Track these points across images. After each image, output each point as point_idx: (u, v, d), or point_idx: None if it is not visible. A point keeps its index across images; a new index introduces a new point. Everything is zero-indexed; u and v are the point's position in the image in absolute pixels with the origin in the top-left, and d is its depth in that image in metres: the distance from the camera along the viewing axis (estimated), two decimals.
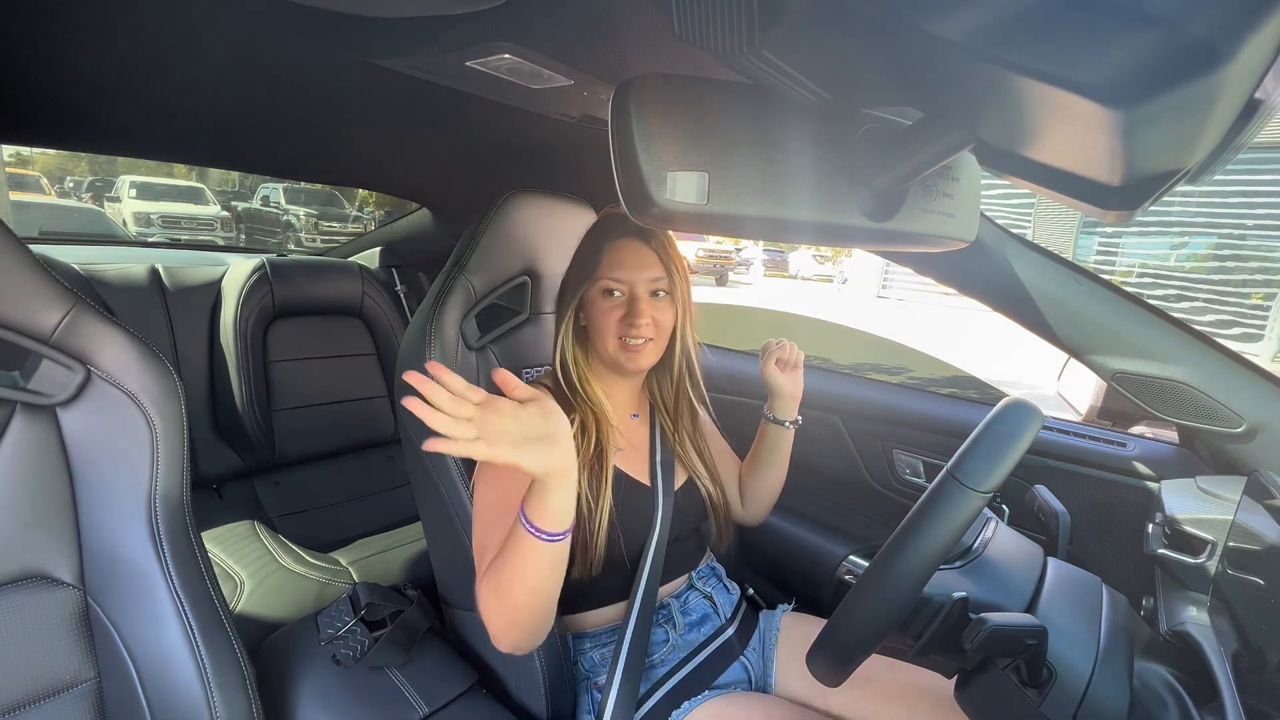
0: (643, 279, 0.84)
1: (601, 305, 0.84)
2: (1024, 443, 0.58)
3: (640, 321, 0.83)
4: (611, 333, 0.84)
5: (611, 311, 0.84)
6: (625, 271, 0.83)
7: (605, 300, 0.84)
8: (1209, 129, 0.29)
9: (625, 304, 0.84)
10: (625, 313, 0.83)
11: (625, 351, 0.84)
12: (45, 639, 0.61)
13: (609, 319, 0.84)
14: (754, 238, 0.53)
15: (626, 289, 0.84)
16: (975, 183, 0.59)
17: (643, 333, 0.84)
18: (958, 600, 0.57)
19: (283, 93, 0.94)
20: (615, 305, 0.84)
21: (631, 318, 0.83)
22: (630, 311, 0.83)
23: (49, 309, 0.60)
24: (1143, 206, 0.39)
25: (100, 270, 1.52)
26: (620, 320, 0.84)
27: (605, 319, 0.84)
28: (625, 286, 0.84)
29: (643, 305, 0.84)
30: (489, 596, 0.67)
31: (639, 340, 0.84)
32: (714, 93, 0.45)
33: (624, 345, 0.84)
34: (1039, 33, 0.26)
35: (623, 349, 0.84)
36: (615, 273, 0.83)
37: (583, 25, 0.63)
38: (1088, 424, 1.17)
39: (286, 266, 1.67)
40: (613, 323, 0.84)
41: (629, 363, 0.85)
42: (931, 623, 0.57)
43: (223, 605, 0.67)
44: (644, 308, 0.84)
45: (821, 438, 1.38)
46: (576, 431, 0.83)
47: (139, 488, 0.64)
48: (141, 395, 0.64)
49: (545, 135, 1.09)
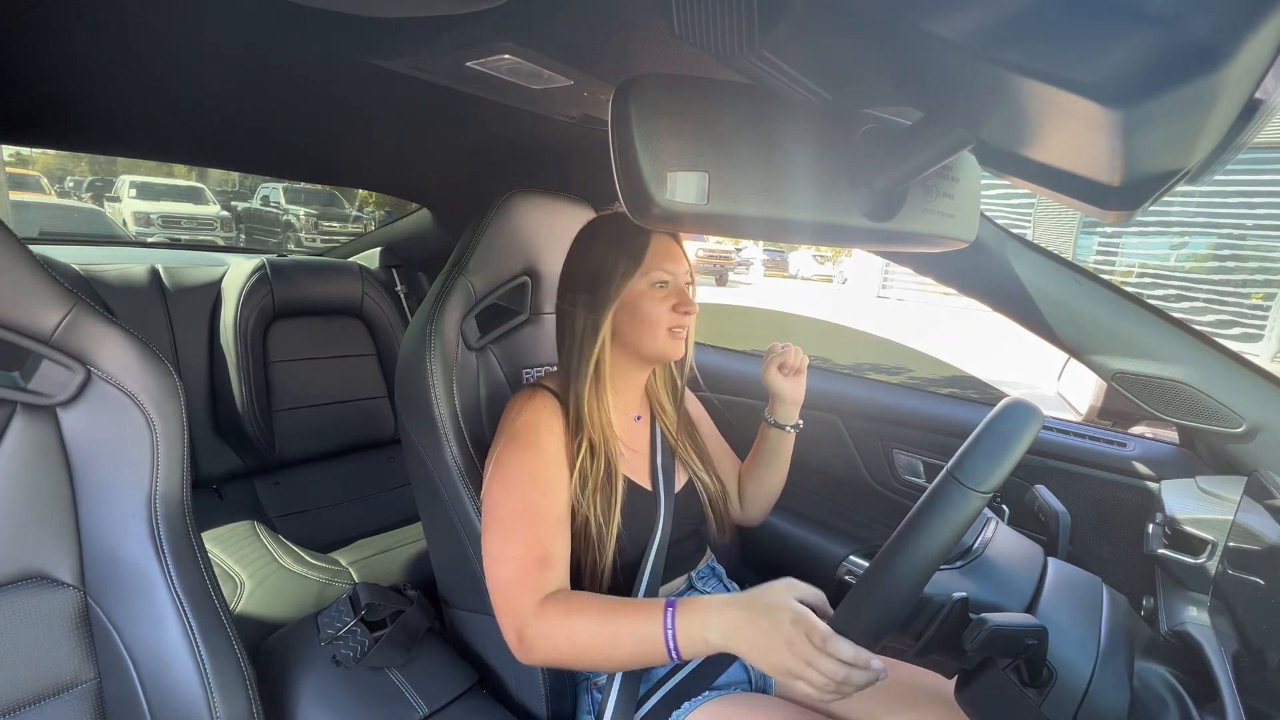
0: (684, 270, 0.87)
1: (653, 295, 0.84)
2: (1024, 443, 0.58)
3: (691, 309, 0.85)
4: (664, 323, 0.84)
5: (665, 301, 0.84)
6: (673, 263, 0.85)
7: (657, 291, 0.84)
8: (1209, 129, 0.29)
9: (675, 293, 0.85)
10: (678, 301, 0.85)
11: (674, 341, 0.85)
12: (45, 639, 0.61)
13: (662, 309, 0.84)
14: (754, 238, 0.53)
15: (676, 281, 0.86)
16: (975, 183, 0.59)
17: (688, 322, 0.86)
18: (958, 600, 0.57)
19: (283, 93, 0.94)
20: (668, 295, 0.85)
21: (685, 305, 0.85)
22: (683, 300, 0.85)
23: (49, 309, 0.60)
24: (1143, 207, 0.39)
25: (100, 271, 1.52)
26: (673, 309, 0.84)
27: (658, 309, 0.84)
28: (675, 278, 0.85)
29: (688, 293, 0.86)
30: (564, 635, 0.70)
31: (683, 330, 0.86)
32: (714, 93, 0.45)
33: (673, 335, 0.85)
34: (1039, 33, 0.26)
35: (672, 339, 0.85)
36: (667, 264, 0.84)
37: (583, 26, 0.63)
38: (1088, 424, 1.17)
39: (286, 267, 1.67)
40: (665, 312, 0.84)
41: (675, 352, 0.86)
42: (932, 623, 0.57)
43: (223, 605, 0.67)
44: (689, 295, 0.86)
45: (821, 438, 1.38)
46: (585, 454, 0.82)
47: (139, 488, 0.64)
48: (142, 395, 0.64)
49: (546, 135, 1.09)
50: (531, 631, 0.71)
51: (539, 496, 0.77)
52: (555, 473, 0.80)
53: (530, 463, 0.79)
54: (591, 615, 0.70)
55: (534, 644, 0.71)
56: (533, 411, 0.82)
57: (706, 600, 0.67)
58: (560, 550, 0.77)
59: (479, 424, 0.93)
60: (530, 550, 0.75)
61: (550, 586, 0.74)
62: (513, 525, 0.76)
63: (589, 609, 0.71)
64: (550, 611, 0.71)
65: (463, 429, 0.88)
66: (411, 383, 0.89)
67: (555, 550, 0.76)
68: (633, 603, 0.71)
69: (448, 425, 0.87)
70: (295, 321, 1.72)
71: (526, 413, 0.82)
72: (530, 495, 0.77)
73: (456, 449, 0.86)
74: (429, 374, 0.87)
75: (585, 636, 0.70)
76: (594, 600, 0.73)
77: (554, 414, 0.83)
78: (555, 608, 0.72)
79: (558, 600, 0.72)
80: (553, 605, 0.72)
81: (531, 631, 0.71)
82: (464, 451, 0.87)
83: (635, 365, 0.91)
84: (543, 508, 0.77)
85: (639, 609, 0.69)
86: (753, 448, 1.04)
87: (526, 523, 0.76)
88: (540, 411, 0.82)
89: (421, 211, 1.85)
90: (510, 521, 0.76)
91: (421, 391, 0.87)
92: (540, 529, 0.76)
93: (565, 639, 0.70)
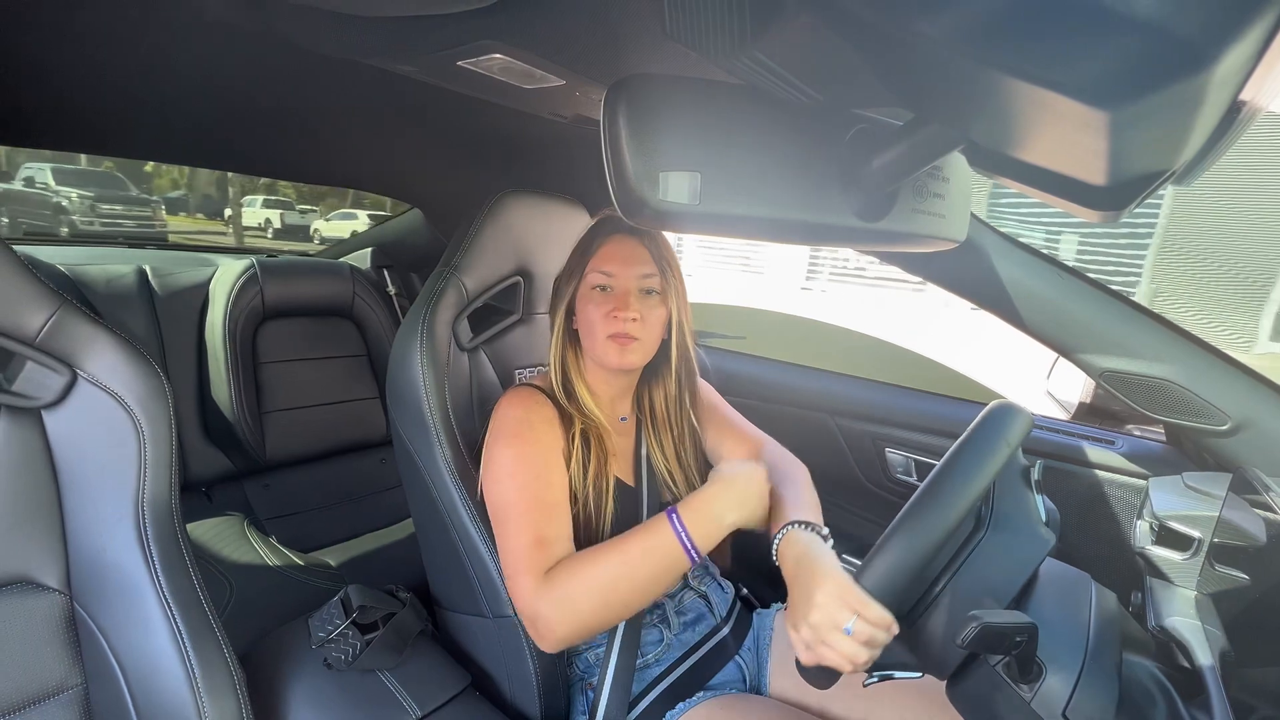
0: (633, 274, 0.82)
1: (592, 299, 0.82)
2: (1012, 445, 0.59)
3: (627, 314, 0.80)
4: (600, 328, 0.81)
5: (601, 305, 0.81)
6: (615, 265, 0.82)
7: (596, 295, 0.82)
8: (1195, 130, 0.29)
9: (614, 299, 0.82)
10: (613, 305, 0.81)
11: (614, 343, 0.81)
12: (31, 645, 0.60)
13: (598, 313, 0.81)
14: (745, 237, 0.53)
15: (618, 284, 0.82)
16: (965, 183, 0.59)
17: (628, 329, 0.80)
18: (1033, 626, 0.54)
19: (272, 92, 0.93)
20: (605, 299, 0.82)
21: (619, 310, 0.80)
22: (619, 305, 0.81)
23: (33, 311, 0.59)
24: (1130, 207, 0.39)
25: (86, 271, 1.50)
26: (607, 314, 0.81)
27: (595, 313, 0.82)
28: (616, 281, 0.82)
29: (631, 299, 0.81)
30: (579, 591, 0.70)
31: (625, 335, 0.80)
32: (706, 93, 0.45)
33: (613, 340, 0.81)
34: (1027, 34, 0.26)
35: (612, 342, 0.81)
36: (606, 266, 0.82)
37: (574, 26, 0.63)
38: (1076, 422, 1.18)
39: (276, 267, 1.66)
40: (600, 316, 0.81)
41: (616, 358, 0.81)
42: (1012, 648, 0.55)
43: (212, 609, 0.67)
44: (632, 301, 0.81)
45: (813, 436, 1.39)
46: (579, 443, 0.82)
47: (126, 491, 0.63)
48: (128, 397, 0.63)
49: (537, 135, 1.09)
50: (545, 606, 0.70)
51: (532, 482, 0.77)
52: (550, 459, 0.79)
53: (524, 453, 0.78)
54: (598, 559, 0.71)
55: (553, 616, 0.70)
56: (521, 406, 0.82)
57: (702, 492, 0.75)
58: (558, 529, 0.76)
59: (471, 424, 0.93)
60: (525, 536, 0.74)
61: (549, 563, 0.73)
62: (509, 516, 0.76)
63: (594, 556, 0.72)
64: (557, 578, 0.71)
65: (454, 429, 0.88)
66: (403, 383, 0.89)
67: (551, 530, 0.75)
68: (633, 532, 0.73)
69: (439, 426, 0.86)
70: (285, 322, 1.70)
71: (515, 408, 0.82)
72: (525, 484, 0.77)
73: (448, 450, 0.86)
74: (420, 375, 0.87)
75: (601, 580, 0.70)
76: (594, 549, 0.73)
77: (545, 406, 0.83)
78: (560, 572, 0.71)
79: (560, 567, 0.72)
80: (558, 571, 0.72)
81: (545, 606, 0.70)
82: (456, 452, 0.87)
83: (603, 369, 0.87)
84: (538, 493, 0.77)
85: (642, 531, 0.73)
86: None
87: (521, 513, 0.76)
88: (530, 405, 0.82)
89: (413, 211, 1.84)
90: (507, 513, 0.77)
91: (413, 392, 0.87)
92: (536, 514, 0.75)
93: (582, 594, 0.69)
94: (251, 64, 0.80)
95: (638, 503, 0.89)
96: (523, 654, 0.83)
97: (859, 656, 0.59)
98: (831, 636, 0.59)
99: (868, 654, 0.59)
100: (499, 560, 0.83)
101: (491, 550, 0.84)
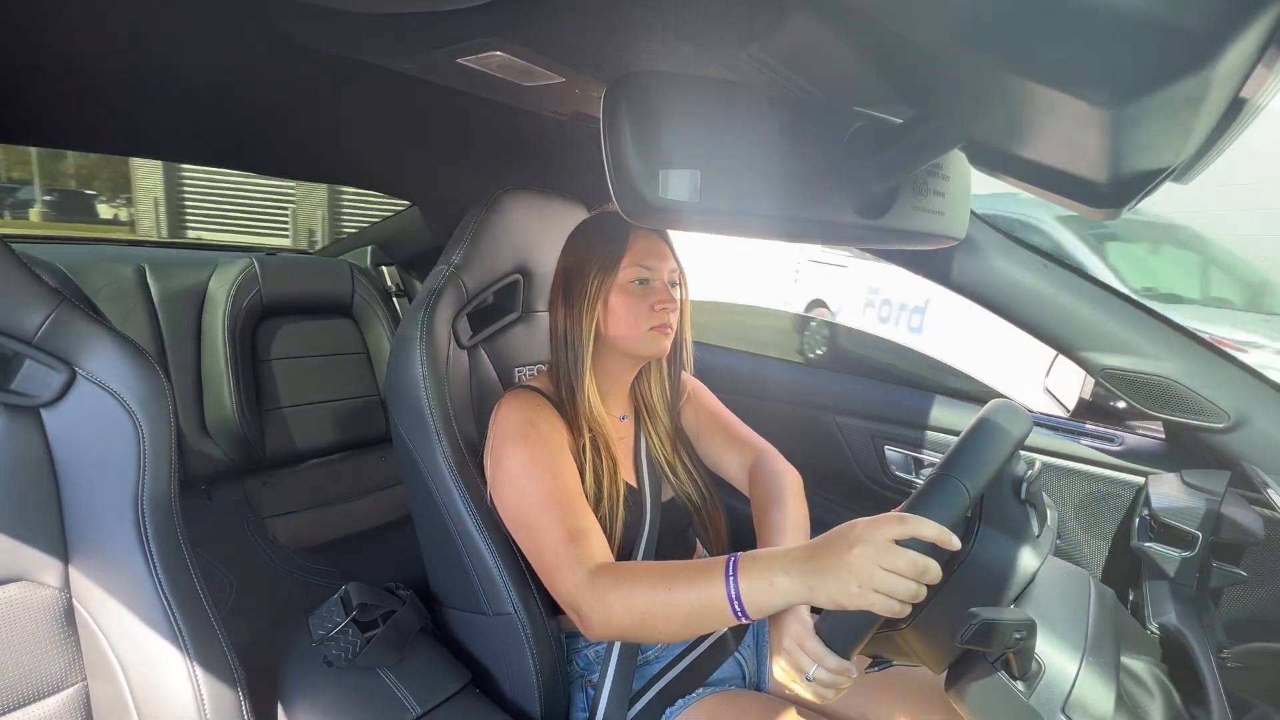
0: (666, 268, 0.86)
1: (632, 293, 0.84)
2: (1012, 444, 0.59)
3: (672, 306, 0.85)
4: (645, 320, 0.84)
5: (645, 298, 0.84)
6: (654, 260, 0.84)
7: (636, 288, 0.84)
8: (1195, 128, 0.29)
9: (656, 291, 0.85)
10: (659, 299, 0.84)
11: (657, 334, 0.85)
12: (31, 643, 0.60)
13: (642, 305, 0.84)
14: (745, 235, 0.53)
15: (656, 277, 0.85)
16: (965, 181, 0.59)
17: (670, 319, 0.85)
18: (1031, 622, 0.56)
19: (272, 90, 0.93)
20: (647, 292, 0.85)
21: (664, 302, 0.84)
22: (663, 297, 0.84)
23: (32, 309, 0.59)
24: (1130, 204, 0.39)
25: (85, 269, 1.50)
26: (651, 307, 0.84)
27: (638, 305, 0.84)
28: (655, 275, 0.85)
29: (668, 291, 0.86)
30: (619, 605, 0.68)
31: (666, 325, 0.85)
32: (706, 90, 0.45)
33: (655, 330, 0.84)
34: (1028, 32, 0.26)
35: (655, 333, 0.84)
36: (647, 260, 0.84)
37: (574, 23, 0.63)
38: (1075, 419, 1.19)
39: (275, 265, 1.66)
40: (644, 310, 0.84)
41: (657, 348, 0.86)
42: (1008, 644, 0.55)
43: (212, 607, 0.67)
44: (670, 293, 0.86)
45: (812, 434, 1.39)
46: (590, 454, 0.82)
47: (125, 489, 0.63)
48: (127, 395, 0.63)
49: (537, 132, 1.09)
50: (586, 606, 0.70)
51: (551, 481, 0.77)
52: (560, 458, 0.79)
53: (536, 453, 0.78)
54: (645, 583, 0.67)
55: (592, 617, 0.69)
56: (525, 409, 0.82)
57: (768, 554, 0.64)
58: (588, 522, 0.76)
59: (470, 422, 0.93)
60: (557, 532, 0.74)
61: (594, 556, 0.72)
62: (536, 516, 0.76)
63: (642, 576, 0.68)
64: (601, 582, 0.69)
65: (454, 427, 0.88)
66: (402, 381, 0.89)
67: (584, 522, 0.75)
68: (689, 565, 0.67)
69: (439, 424, 0.86)
70: (284, 320, 1.70)
71: (519, 410, 0.82)
72: (544, 483, 0.77)
73: (448, 447, 0.86)
74: (420, 372, 0.87)
75: (642, 605, 0.66)
76: (647, 567, 0.71)
77: (548, 410, 0.83)
78: (605, 578, 0.69)
79: (606, 571, 0.70)
80: (604, 576, 0.70)
81: (586, 606, 0.70)
82: (455, 450, 0.87)
83: (622, 364, 0.90)
84: (558, 490, 0.76)
85: (696, 572, 0.65)
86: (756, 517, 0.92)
87: (547, 509, 0.75)
88: (533, 409, 0.82)
89: (412, 209, 1.84)
90: (532, 514, 0.76)
91: (412, 390, 0.87)
92: (563, 510, 0.75)
93: (621, 609, 0.68)
94: (252, 61, 0.80)
95: (641, 503, 0.89)
96: (523, 651, 0.83)
97: (824, 697, 0.65)
98: (795, 685, 0.66)
99: (832, 694, 0.65)
100: (500, 559, 0.83)
101: (490, 547, 0.84)
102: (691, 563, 0.68)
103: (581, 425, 0.84)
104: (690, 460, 0.97)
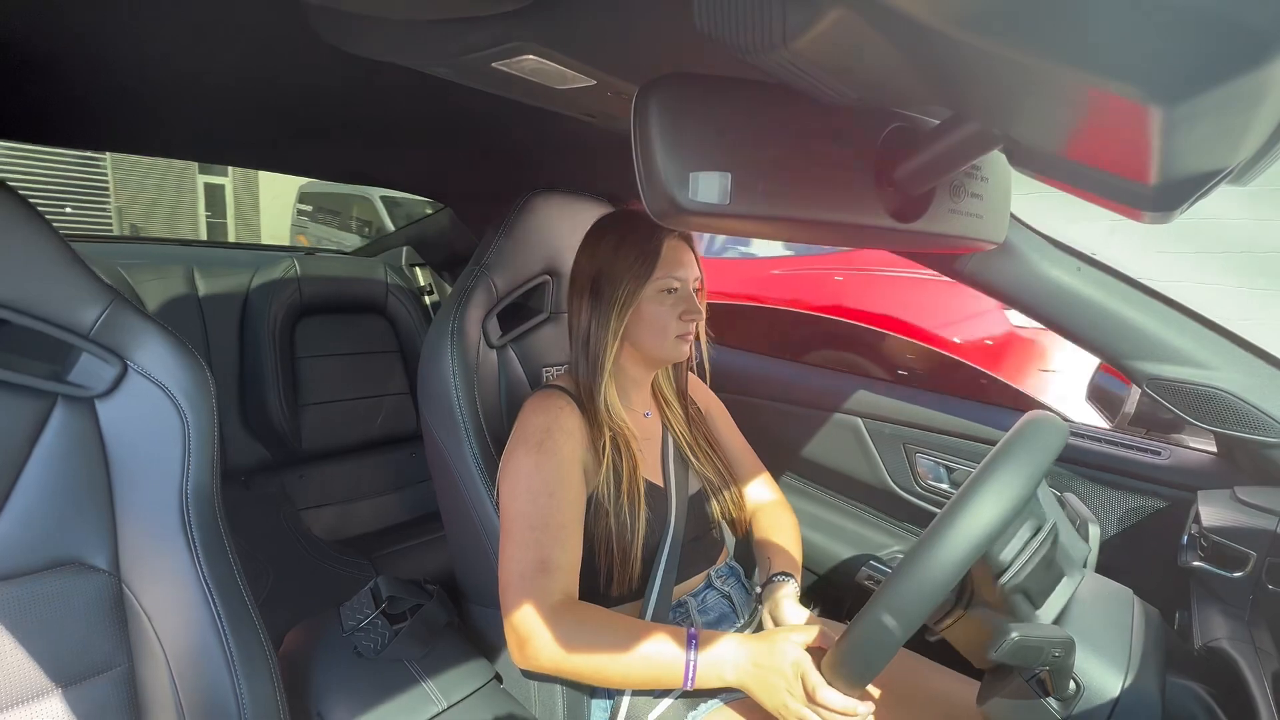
0: (692, 277, 0.88)
1: (662, 302, 0.86)
2: (1048, 458, 0.57)
3: (699, 315, 0.88)
4: (673, 328, 0.87)
5: (675, 307, 0.86)
6: (683, 270, 0.86)
7: (667, 297, 0.86)
8: (1255, 126, 0.28)
9: (683, 299, 0.87)
10: (687, 308, 0.86)
11: (682, 344, 0.88)
12: (82, 623, 0.63)
13: (671, 314, 0.86)
14: (776, 238, 0.52)
15: (684, 287, 0.87)
16: (1005, 183, 0.58)
17: (696, 329, 0.89)
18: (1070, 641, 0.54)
19: (309, 94, 0.95)
20: (677, 301, 0.87)
21: (692, 312, 0.86)
22: (690, 307, 0.86)
23: (88, 305, 0.62)
24: (1182, 208, 0.38)
25: (137, 268, 1.57)
26: (680, 316, 0.86)
27: (668, 315, 0.86)
28: (683, 284, 0.87)
29: (694, 300, 0.88)
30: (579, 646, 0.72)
31: (691, 335, 0.89)
32: (737, 92, 0.44)
33: (681, 339, 0.88)
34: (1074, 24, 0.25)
35: (682, 340, 0.88)
36: (677, 271, 0.86)
37: (606, 26, 0.63)
38: (1119, 431, 1.14)
39: (314, 265, 1.72)
40: (672, 319, 0.86)
41: (681, 355, 0.89)
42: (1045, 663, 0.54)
43: (249, 595, 0.69)
44: (695, 301, 0.88)
45: (842, 440, 1.36)
46: (609, 451, 0.83)
47: (171, 478, 0.66)
48: (174, 388, 0.66)
49: (567, 135, 1.09)
50: (537, 639, 0.72)
51: (545, 500, 0.78)
52: (567, 476, 0.80)
53: (542, 465, 0.79)
54: (610, 631, 0.72)
55: (539, 650, 0.72)
56: (547, 413, 0.83)
57: (725, 640, 0.73)
58: (564, 557, 0.77)
59: (499, 421, 0.94)
60: (529, 554, 0.76)
61: (553, 593, 0.74)
62: (515, 528, 0.78)
63: (607, 624, 0.73)
64: (566, 619, 0.72)
65: (483, 426, 0.89)
66: (433, 380, 0.90)
67: (556, 556, 0.76)
68: (655, 626, 0.74)
69: (468, 422, 0.87)
70: (322, 318, 1.76)
71: (540, 414, 0.83)
72: (536, 499, 0.78)
73: (476, 445, 0.87)
74: (450, 371, 0.88)
75: (602, 651, 0.71)
76: (613, 617, 0.75)
77: (571, 414, 0.83)
78: (571, 617, 0.73)
79: (575, 610, 0.74)
80: (571, 614, 0.73)
81: (537, 639, 0.72)
82: (484, 448, 0.88)
83: (644, 364, 0.92)
84: (547, 513, 0.77)
85: (663, 634, 0.73)
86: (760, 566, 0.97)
87: (528, 527, 0.77)
88: (556, 413, 0.83)
89: (444, 211, 1.87)
90: (513, 524, 0.78)
91: (443, 388, 0.88)
92: (542, 535, 0.76)
93: (580, 650, 0.71)
94: (288, 67, 0.82)
95: (666, 502, 0.89)
96: None
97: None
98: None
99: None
100: None
101: None
102: (655, 624, 0.76)
103: (602, 423, 0.84)
104: (707, 441, 1.00)
